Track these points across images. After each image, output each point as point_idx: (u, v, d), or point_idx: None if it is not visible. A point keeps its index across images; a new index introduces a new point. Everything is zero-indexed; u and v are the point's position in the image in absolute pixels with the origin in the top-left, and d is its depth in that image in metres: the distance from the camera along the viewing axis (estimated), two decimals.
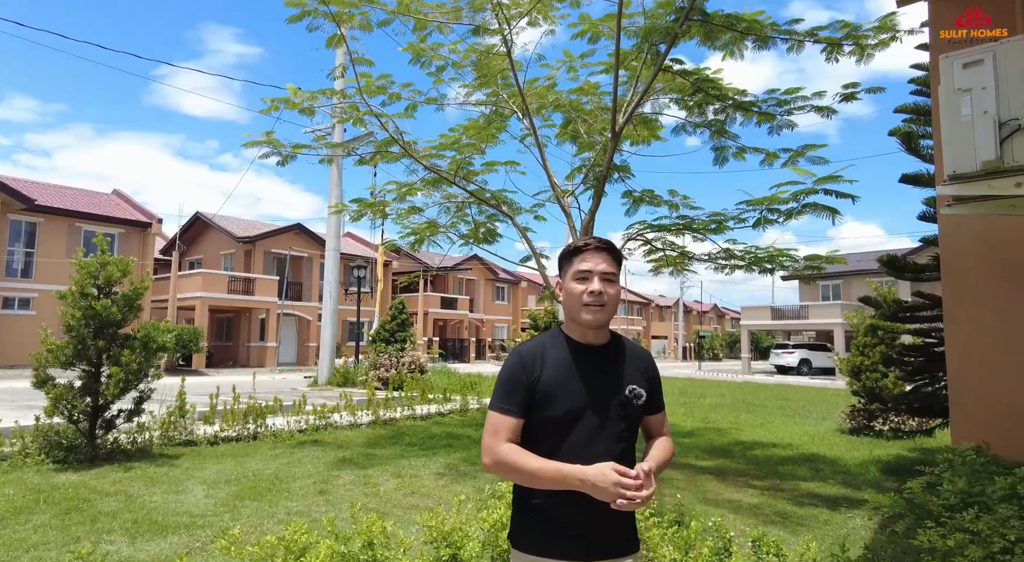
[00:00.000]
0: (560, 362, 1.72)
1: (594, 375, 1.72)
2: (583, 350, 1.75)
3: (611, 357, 1.77)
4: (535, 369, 1.70)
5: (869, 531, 5.05)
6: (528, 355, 1.74)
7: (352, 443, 8.05)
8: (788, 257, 8.45)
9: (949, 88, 3.66)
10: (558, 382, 1.69)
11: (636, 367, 1.78)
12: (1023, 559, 2.81)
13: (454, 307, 40.62)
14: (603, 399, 1.70)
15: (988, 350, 6.23)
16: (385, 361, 15.75)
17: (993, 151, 3.43)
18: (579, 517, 1.64)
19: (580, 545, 1.66)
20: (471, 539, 3.15)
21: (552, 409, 1.68)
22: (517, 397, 1.69)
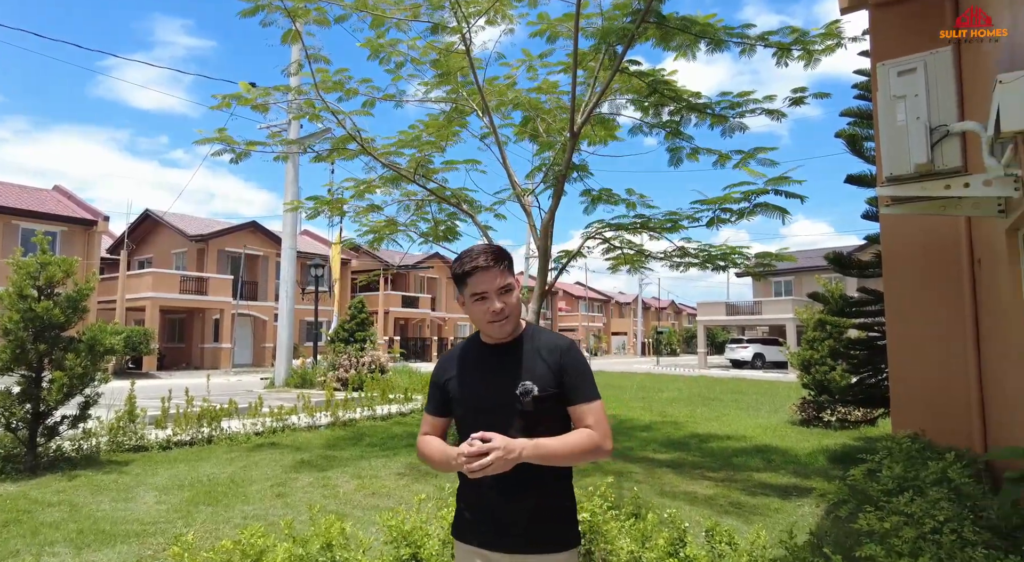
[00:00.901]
0: (468, 364, 1.85)
1: (491, 374, 1.79)
2: (490, 350, 1.83)
3: (512, 354, 1.80)
4: (447, 372, 1.87)
5: (816, 518, 5.27)
6: (444, 360, 1.93)
7: (311, 445, 7.94)
8: (740, 255, 8.72)
9: (886, 94, 3.84)
10: (462, 383, 1.83)
11: (539, 361, 1.77)
12: (950, 537, 2.99)
13: (415, 306, 40.32)
14: (496, 396, 1.75)
15: (922, 343, 6.56)
16: (344, 361, 15.54)
17: (925, 155, 3.63)
18: (485, 504, 1.75)
19: (489, 532, 1.75)
20: (431, 538, 3.17)
21: (458, 407, 1.84)
22: (434, 397, 1.90)
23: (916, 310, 6.61)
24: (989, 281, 5.50)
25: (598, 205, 9.43)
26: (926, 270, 6.55)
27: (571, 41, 8.36)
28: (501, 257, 1.78)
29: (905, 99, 3.72)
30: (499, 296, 1.74)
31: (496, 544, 1.75)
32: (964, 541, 2.98)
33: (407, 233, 9.22)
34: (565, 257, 8.63)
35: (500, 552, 1.75)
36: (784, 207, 6.63)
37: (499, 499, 1.72)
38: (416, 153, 8.13)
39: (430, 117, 9.52)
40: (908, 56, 3.80)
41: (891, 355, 6.86)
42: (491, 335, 1.81)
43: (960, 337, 6.33)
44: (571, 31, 8.25)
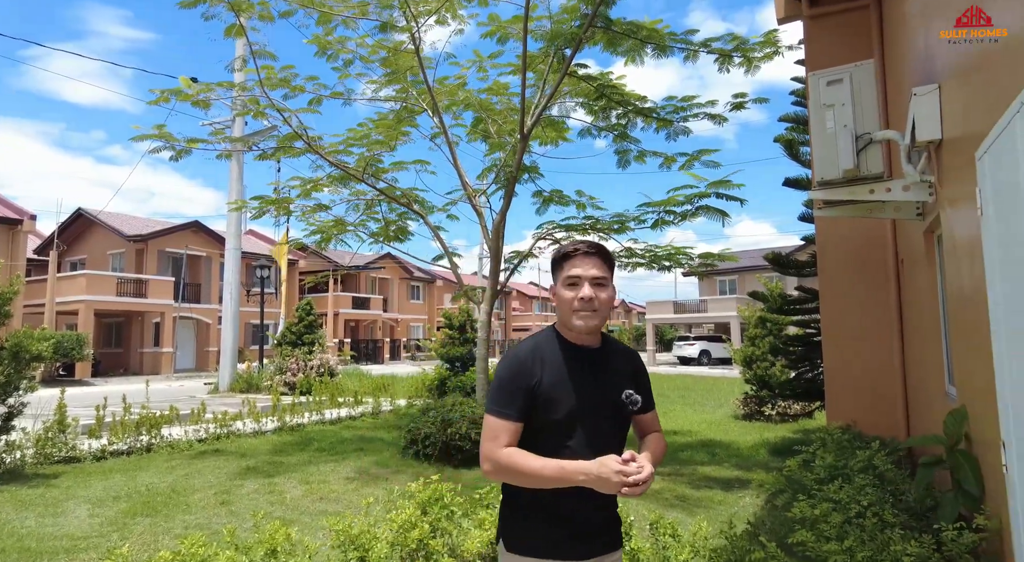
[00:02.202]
0: (558, 365, 1.71)
1: (590, 378, 1.73)
2: (577, 352, 1.75)
3: (604, 360, 1.78)
4: (535, 373, 1.69)
5: (756, 508, 5.48)
6: (527, 358, 1.72)
7: (256, 451, 7.74)
8: (684, 255, 8.99)
9: (817, 102, 4.05)
10: (558, 385, 1.68)
11: (627, 369, 1.81)
12: (872, 521, 3.18)
13: (367, 307, 39.70)
14: (600, 402, 1.71)
15: (851, 339, 6.92)
16: (292, 365, 15.18)
17: (852, 160, 3.84)
18: (572, 516, 1.68)
19: (574, 543, 1.69)
20: (379, 541, 3.16)
21: (554, 413, 1.67)
22: (518, 401, 1.67)
23: (848, 307, 6.96)
24: (910, 280, 5.86)
25: (549, 206, 9.55)
26: (856, 270, 6.91)
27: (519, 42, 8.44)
28: (606, 254, 1.77)
29: (834, 108, 3.93)
30: (592, 285, 1.69)
31: (578, 554, 1.69)
32: (884, 523, 3.18)
33: (356, 233, 9.09)
34: (517, 257, 8.69)
35: (583, 560, 1.70)
36: (725, 210, 6.88)
37: (590, 509, 1.69)
38: (365, 152, 8.03)
39: (379, 116, 9.43)
40: (836, 67, 4.02)
41: (825, 350, 7.21)
42: (572, 327, 1.72)
43: (886, 333, 6.70)
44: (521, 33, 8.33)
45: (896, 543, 2.85)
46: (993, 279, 2.52)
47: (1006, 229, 2.29)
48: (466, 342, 12.38)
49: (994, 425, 2.71)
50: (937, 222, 3.98)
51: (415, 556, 3.26)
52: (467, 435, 6.93)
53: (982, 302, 2.68)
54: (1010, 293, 2.32)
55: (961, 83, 3.10)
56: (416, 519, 3.31)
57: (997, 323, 2.50)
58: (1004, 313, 2.41)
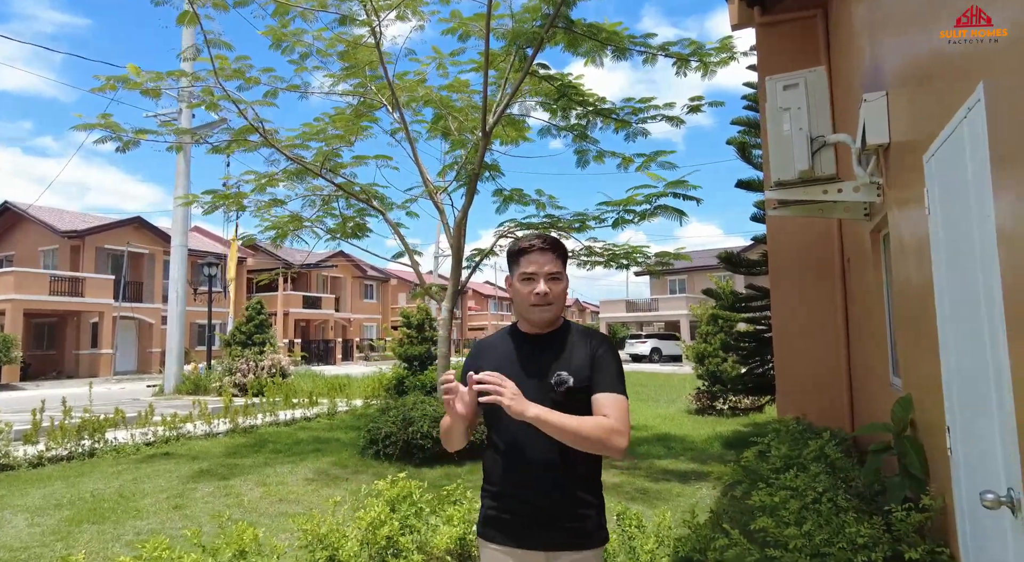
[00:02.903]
0: (503, 352, 1.85)
1: (531, 364, 1.79)
2: (527, 340, 1.84)
3: (550, 345, 1.81)
4: (479, 360, 1.86)
5: (714, 499, 5.66)
6: (478, 348, 1.95)
7: (209, 453, 7.48)
8: (641, 254, 9.19)
9: (774, 106, 4.21)
10: (493, 370, 1.73)
11: (576, 352, 1.79)
12: (827, 506, 3.33)
13: (318, 306, 38.89)
14: (530, 385, 1.73)
15: (800, 335, 7.23)
16: (242, 366, 14.73)
17: (807, 162, 4.01)
18: (524, 499, 1.73)
19: (526, 530, 1.73)
20: (349, 539, 3.12)
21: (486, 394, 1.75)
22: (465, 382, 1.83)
23: (797, 304, 7.26)
24: (857, 278, 6.16)
25: (510, 205, 9.60)
26: (805, 269, 7.21)
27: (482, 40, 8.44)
28: (558, 246, 1.81)
29: (790, 111, 4.09)
30: (547, 280, 1.76)
31: (527, 541, 1.72)
32: (838, 508, 3.33)
33: (313, 229, 8.91)
34: (478, 256, 8.69)
35: (531, 550, 1.72)
36: (682, 209, 7.07)
37: (531, 494, 1.71)
38: (323, 147, 7.87)
39: (336, 110, 9.27)
40: (792, 72, 4.18)
41: (776, 346, 7.49)
42: (530, 320, 1.81)
43: (833, 328, 7.02)
44: (482, 31, 8.33)
45: (850, 526, 3.00)
46: (940, 275, 2.68)
47: (953, 228, 2.44)
48: (424, 341, 12.29)
49: (938, 412, 2.89)
50: (884, 222, 4.20)
51: (384, 554, 3.24)
52: (429, 434, 6.89)
53: (929, 297, 2.85)
54: (956, 289, 2.48)
55: (907, 91, 3.28)
56: (385, 516, 3.28)
57: (943, 317, 2.66)
58: (950, 308, 2.57)
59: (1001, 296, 1.93)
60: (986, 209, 2.00)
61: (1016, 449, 1.90)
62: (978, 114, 2.05)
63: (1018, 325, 1.85)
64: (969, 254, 2.25)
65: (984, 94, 1.98)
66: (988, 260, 2.03)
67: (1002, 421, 2.03)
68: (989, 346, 2.10)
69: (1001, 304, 1.93)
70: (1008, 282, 1.89)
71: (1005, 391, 1.96)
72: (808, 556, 2.97)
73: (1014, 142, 1.82)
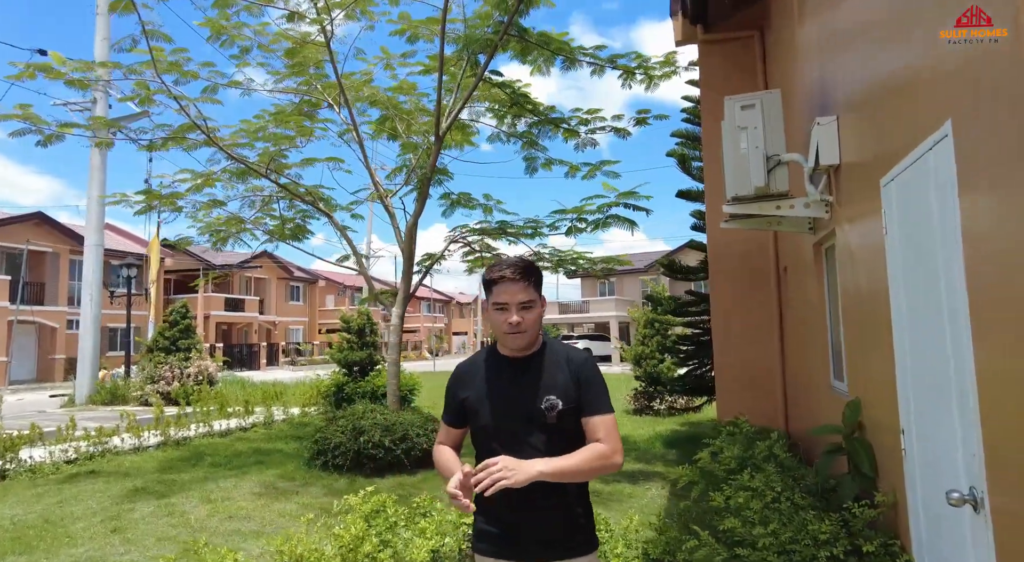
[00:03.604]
0: (487, 376, 1.89)
1: (515, 387, 1.83)
2: (509, 363, 1.87)
3: (532, 369, 1.84)
4: (464, 384, 1.92)
5: (664, 499, 5.87)
6: (462, 370, 1.98)
7: (141, 469, 7.01)
8: (586, 259, 9.40)
9: (732, 124, 4.42)
10: (481, 397, 1.86)
11: (559, 376, 1.81)
12: (786, 504, 3.55)
13: (241, 309, 37.21)
14: (517, 411, 1.79)
15: (738, 339, 7.62)
16: (166, 373, 13.89)
17: (763, 179, 4.24)
18: (512, 517, 1.78)
19: (516, 545, 1.79)
20: (330, 559, 3.03)
21: (478, 420, 1.87)
22: (451, 407, 1.95)
23: (736, 310, 7.65)
24: (794, 285, 6.56)
25: (456, 209, 9.57)
26: (743, 276, 7.61)
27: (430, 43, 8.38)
28: (529, 273, 1.81)
29: (747, 130, 4.31)
30: (519, 310, 1.78)
31: (517, 553, 1.78)
32: (796, 506, 3.55)
33: (251, 231, 8.53)
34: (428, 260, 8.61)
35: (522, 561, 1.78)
36: (632, 219, 7.29)
37: (515, 509, 1.75)
38: (270, 147, 7.57)
39: (275, 107, 8.93)
40: (749, 93, 4.41)
41: (716, 349, 7.86)
42: (506, 346, 1.86)
43: (768, 334, 7.45)
44: (432, 34, 8.26)
45: (812, 523, 3.20)
46: (897, 288, 2.91)
47: (914, 246, 2.67)
48: (365, 346, 12.02)
49: (889, 414, 3.14)
50: (829, 236, 4.50)
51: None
52: (380, 443, 6.76)
53: (883, 307, 3.09)
54: (915, 300, 2.71)
55: (858, 117, 3.55)
56: (363, 533, 3.21)
57: (900, 327, 2.90)
58: (907, 319, 2.80)
59: (967, 309, 2.12)
60: (953, 233, 2.20)
61: (979, 450, 2.11)
62: (945, 147, 2.25)
63: (982, 337, 2.05)
64: (931, 270, 2.46)
65: (952, 131, 2.19)
66: (953, 276, 2.23)
67: (964, 424, 2.23)
68: (951, 354, 2.30)
69: (967, 316, 2.13)
70: (973, 298, 2.09)
71: (968, 396, 2.16)
72: (776, 553, 3.14)
73: (980, 175, 2.02)
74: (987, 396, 2.04)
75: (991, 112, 1.90)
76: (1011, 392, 1.86)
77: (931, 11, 2.36)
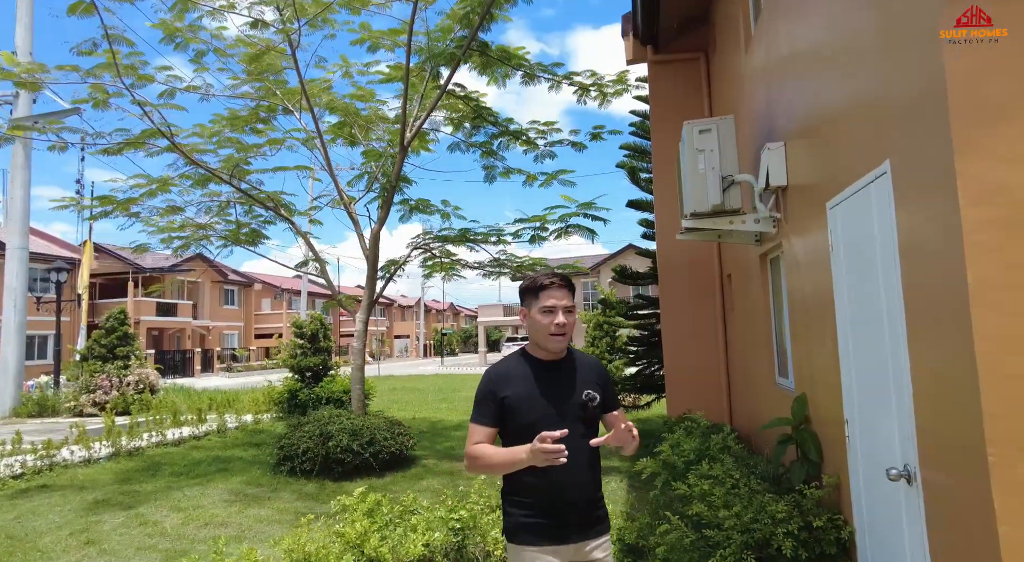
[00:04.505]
0: (524, 379, 2.11)
1: (553, 386, 2.10)
2: (544, 366, 2.14)
3: (568, 369, 2.14)
4: (505, 388, 2.10)
5: (624, 491, 6.26)
6: (496, 377, 2.14)
7: (97, 482, 6.82)
8: (544, 265, 9.76)
9: (691, 147, 4.85)
10: (523, 396, 2.08)
11: (589, 375, 2.17)
12: (745, 490, 3.97)
13: (174, 313, 35.67)
14: (562, 405, 2.07)
15: (686, 340, 8.16)
16: (103, 382, 13.29)
17: (719, 197, 4.69)
18: (563, 506, 2.03)
19: (567, 529, 2.05)
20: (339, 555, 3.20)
21: (521, 418, 2.07)
22: (489, 411, 2.10)
23: (683, 313, 8.18)
24: (738, 292, 7.12)
25: (414, 214, 9.73)
26: (690, 282, 8.15)
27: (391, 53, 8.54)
28: (571, 284, 2.12)
29: (704, 152, 4.75)
30: (564, 313, 2.05)
31: (574, 536, 2.03)
32: (753, 491, 3.98)
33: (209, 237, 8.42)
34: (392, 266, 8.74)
35: (568, 544, 2.03)
36: (592, 228, 7.70)
37: (572, 497, 2.02)
38: (234, 153, 7.52)
39: (230, 111, 8.84)
40: (706, 119, 4.86)
41: (665, 350, 8.37)
42: (548, 348, 2.10)
43: (714, 335, 8.02)
44: (394, 45, 8.43)
45: (770, 504, 3.63)
46: (841, 297, 3.37)
47: (856, 262, 3.12)
48: (319, 351, 11.95)
49: (834, 407, 3.61)
50: (775, 248, 5.01)
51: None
52: (349, 447, 6.86)
53: (828, 313, 3.55)
54: (856, 308, 3.16)
55: (805, 145, 4.02)
56: (368, 529, 3.40)
57: (844, 331, 3.35)
58: (851, 324, 3.26)
59: (903, 317, 2.56)
60: (892, 252, 2.64)
61: (913, 434, 2.55)
62: (885, 182, 2.69)
63: (916, 339, 2.48)
64: (873, 282, 2.91)
65: (891, 169, 2.62)
66: (892, 289, 2.67)
67: (901, 413, 2.68)
68: (890, 354, 2.75)
69: (904, 323, 2.56)
70: (909, 307, 2.52)
71: (904, 389, 2.60)
72: (739, 533, 3.54)
73: (913, 204, 2.46)
74: (920, 389, 2.48)
75: (922, 154, 2.33)
76: (939, 385, 2.29)
77: (872, 51, 2.79)
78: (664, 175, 7.95)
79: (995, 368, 1.94)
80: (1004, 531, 1.82)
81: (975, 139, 2.02)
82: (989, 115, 2.02)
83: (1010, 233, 1.97)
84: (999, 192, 1.99)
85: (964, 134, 2.02)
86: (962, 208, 2.02)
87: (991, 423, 1.89)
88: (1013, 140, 1.99)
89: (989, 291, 1.98)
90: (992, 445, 1.89)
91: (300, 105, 8.00)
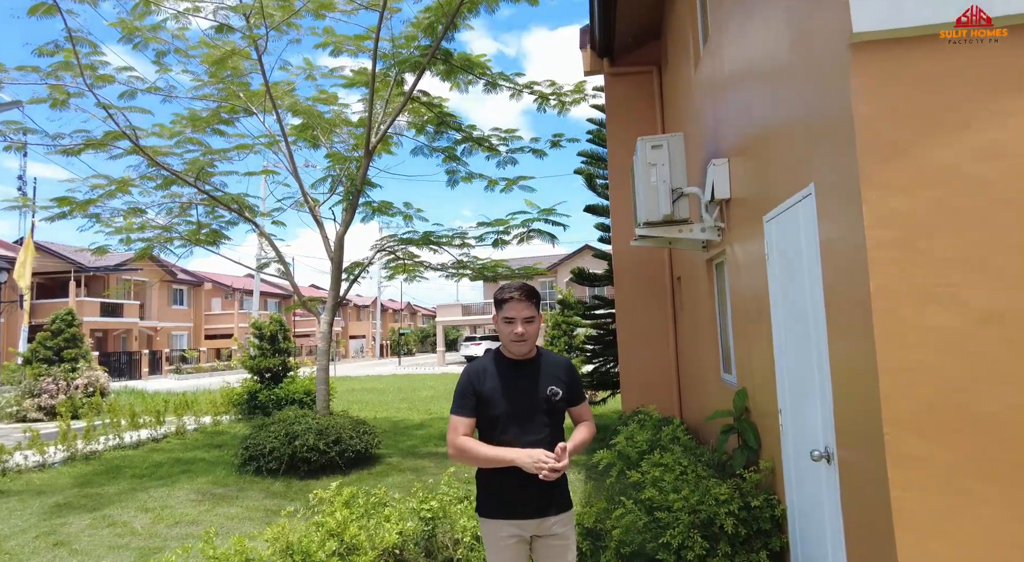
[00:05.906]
0: (496, 375, 2.44)
1: (520, 382, 2.41)
2: (513, 364, 2.45)
3: (534, 368, 2.46)
4: (482, 382, 2.43)
5: (581, 481, 6.61)
6: (474, 373, 2.47)
7: (55, 486, 6.76)
8: (505, 267, 10.07)
9: (644, 161, 5.23)
10: (495, 390, 2.39)
11: (555, 372, 2.49)
12: (693, 475, 4.37)
13: (119, 314, 34.45)
14: (528, 399, 2.39)
15: (639, 340, 8.61)
16: (49, 386, 12.90)
17: (669, 208, 5.08)
18: (523, 488, 2.34)
19: (528, 507, 2.36)
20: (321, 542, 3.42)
21: (493, 409, 2.39)
22: (469, 402, 2.40)
23: (637, 313, 8.63)
24: (686, 294, 7.59)
25: (376, 215, 9.89)
26: (644, 284, 8.61)
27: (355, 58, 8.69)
28: (532, 295, 2.42)
29: (656, 166, 5.14)
30: (523, 323, 2.35)
31: (533, 514, 2.34)
32: (700, 476, 4.38)
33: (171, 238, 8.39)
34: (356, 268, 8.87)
35: (534, 518, 2.34)
36: (552, 233, 8.04)
37: (539, 481, 2.30)
38: (200, 156, 7.54)
39: (190, 112, 8.82)
40: (657, 135, 5.25)
41: (620, 349, 8.80)
42: (512, 351, 2.42)
43: (664, 334, 8.49)
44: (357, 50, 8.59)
45: (714, 488, 4.03)
46: (776, 301, 3.79)
47: (787, 269, 3.53)
48: (278, 352, 11.94)
49: (769, 399, 4.03)
50: (720, 254, 5.44)
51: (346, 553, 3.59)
52: (315, 446, 7.00)
53: (765, 315, 3.97)
54: (787, 310, 3.58)
55: (745, 162, 4.45)
56: (347, 518, 3.63)
57: (779, 330, 3.77)
58: (784, 324, 3.67)
59: (824, 318, 2.97)
60: (815, 261, 3.05)
61: (831, 419, 2.96)
62: (809, 203, 3.10)
63: (834, 338, 2.89)
64: (801, 287, 3.32)
65: (815, 191, 3.03)
66: (815, 293, 3.08)
67: (823, 402, 3.09)
68: (815, 351, 3.16)
69: (824, 323, 2.97)
70: (829, 310, 2.93)
71: (826, 381, 3.01)
72: (687, 514, 3.93)
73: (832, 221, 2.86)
74: (836, 379, 2.89)
75: (838, 182, 2.73)
76: (851, 375, 2.69)
77: (799, 77, 3.19)
78: (619, 183, 8.36)
79: (891, 361, 2.34)
80: (896, 495, 2.22)
81: (877, 172, 2.42)
82: (889, 152, 2.42)
83: (904, 251, 2.38)
84: (895, 217, 2.40)
85: (868, 168, 2.42)
86: (867, 229, 2.41)
87: (887, 406, 2.29)
88: (908, 174, 2.40)
89: (887, 297, 2.38)
90: (888, 425, 2.29)
91: (263, 107, 8.06)
